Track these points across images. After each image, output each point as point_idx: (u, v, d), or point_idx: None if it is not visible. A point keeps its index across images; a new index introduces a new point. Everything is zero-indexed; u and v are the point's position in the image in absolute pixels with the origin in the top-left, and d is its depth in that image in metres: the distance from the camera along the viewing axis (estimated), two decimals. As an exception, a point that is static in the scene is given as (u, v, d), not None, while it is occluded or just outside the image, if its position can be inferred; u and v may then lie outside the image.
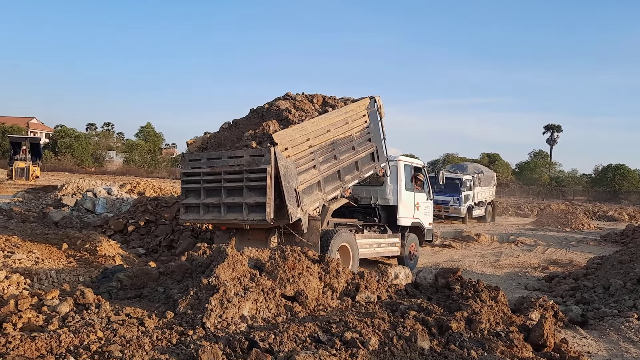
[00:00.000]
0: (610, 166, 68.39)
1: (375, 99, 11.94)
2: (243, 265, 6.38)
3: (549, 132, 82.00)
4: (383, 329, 5.59)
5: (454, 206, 28.45)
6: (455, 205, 28.46)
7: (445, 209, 28.16)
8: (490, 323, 6.26)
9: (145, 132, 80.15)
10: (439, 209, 27.13)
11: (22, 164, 30.03)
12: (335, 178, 10.50)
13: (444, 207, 28.06)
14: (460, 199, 28.68)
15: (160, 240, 12.58)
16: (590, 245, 20.86)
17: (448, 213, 28.41)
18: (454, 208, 28.52)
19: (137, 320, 5.52)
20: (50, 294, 5.99)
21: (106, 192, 17.99)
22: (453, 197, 28.45)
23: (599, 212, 39.88)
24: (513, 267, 14.70)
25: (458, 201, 28.60)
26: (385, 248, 12.56)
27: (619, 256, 11.59)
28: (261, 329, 5.40)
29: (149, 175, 55.75)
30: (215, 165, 9.35)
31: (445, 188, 27.18)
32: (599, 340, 7.42)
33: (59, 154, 62.36)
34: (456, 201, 28.53)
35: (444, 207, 28.06)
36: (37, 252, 9.64)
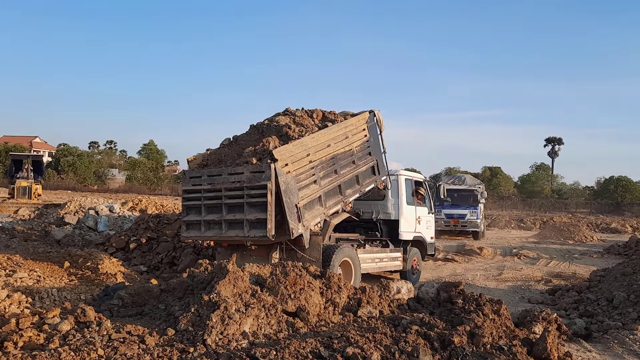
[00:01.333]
0: (612, 178, 68.31)
1: (374, 112, 11.98)
2: (244, 282, 6.37)
3: (550, 144, 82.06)
4: (385, 344, 5.57)
5: (471, 220, 27.05)
6: (472, 219, 27.05)
7: (462, 224, 26.93)
8: (493, 337, 6.22)
9: (147, 150, 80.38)
10: (456, 223, 26.70)
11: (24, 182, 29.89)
12: (336, 192, 10.51)
13: (461, 222, 26.90)
14: (477, 211, 27.38)
15: (162, 258, 12.57)
16: (593, 257, 20.78)
17: (466, 228, 27.11)
18: (471, 222, 27.09)
19: (138, 337, 5.50)
20: (52, 312, 5.99)
21: (108, 209, 18.03)
22: (470, 210, 27.18)
23: (601, 224, 39.79)
24: (516, 280, 14.63)
25: (475, 214, 27.24)
26: (387, 263, 12.53)
27: (623, 268, 11.55)
28: (262, 345, 5.37)
29: (151, 192, 55.76)
30: (216, 182, 9.38)
31: (459, 200, 26.68)
32: (603, 354, 7.36)
33: (61, 172, 62.51)
34: (473, 214, 27.17)
35: (461, 222, 26.90)
36: (38, 270, 9.64)
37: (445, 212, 26.80)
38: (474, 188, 28.58)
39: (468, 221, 26.90)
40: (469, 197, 27.66)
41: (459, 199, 27.25)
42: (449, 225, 26.78)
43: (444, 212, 26.60)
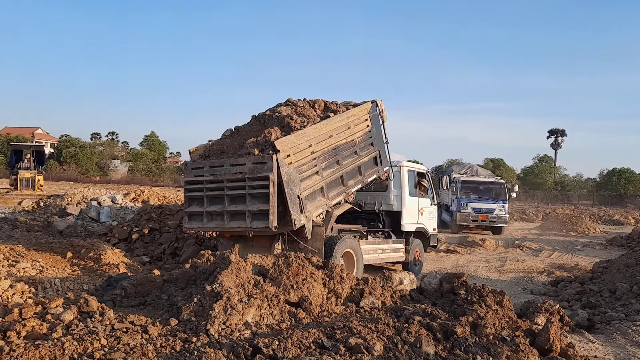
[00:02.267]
0: (615, 170, 68.19)
1: (377, 102, 11.92)
2: (247, 272, 6.37)
3: (553, 136, 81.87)
4: (387, 335, 5.57)
5: (500, 214, 25.42)
6: (501, 214, 25.49)
7: (491, 218, 25.25)
8: (496, 328, 6.22)
9: (149, 141, 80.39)
10: (484, 218, 25.13)
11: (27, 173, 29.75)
12: (339, 183, 10.48)
13: (490, 217, 25.23)
14: (506, 206, 25.95)
15: (165, 248, 12.58)
16: (596, 249, 20.77)
17: (494, 223, 25.40)
18: (500, 217, 25.46)
19: (140, 327, 5.51)
20: (54, 302, 6.00)
21: (110, 200, 18.03)
22: (499, 204, 25.54)
23: (604, 216, 39.75)
24: (518, 271, 14.63)
25: (504, 209, 25.75)
26: (389, 254, 12.52)
27: (625, 260, 11.54)
28: (265, 335, 5.38)
29: (153, 183, 55.79)
30: (218, 173, 9.36)
31: (484, 194, 25.61)
32: (606, 345, 7.36)
33: (63, 163, 62.56)
34: (502, 209, 25.61)
35: (490, 217, 25.23)
36: (41, 260, 9.66)
37: (472, 205, 25.28)
38: (502, 181, 27.46)
39: (497, 216, 25.34)
40: (496, 190, 26.24)
41: (484, 192, 25.98)
42: (476, 220, 25.28)
43: (471, 205, 25.24)
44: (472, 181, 26.93)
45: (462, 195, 25.43)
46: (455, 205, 25.54)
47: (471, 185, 26.41)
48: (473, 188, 26.18)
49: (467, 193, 25.54)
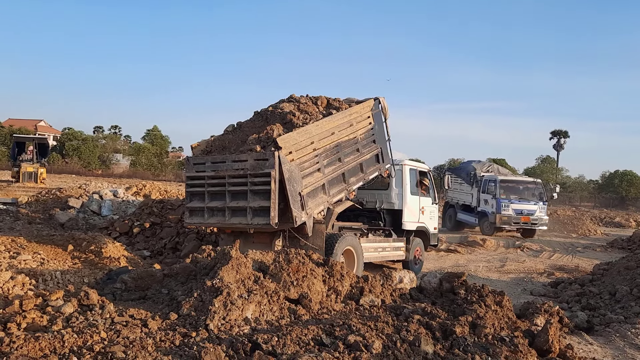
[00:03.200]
0: (617, 172, 68.00)
1: (379, 100, 11.89)
2: (247, 268, 6.38)
3: (556, 137, 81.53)
4: (387, 333, 5.58)
5: (540, 216, 24.03)
6: (541, 216, 24.11)
7: (533, 221, 23.75)
8: (495, 328, 6.23)
9: (152, 136, 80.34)
10: (526, 220, 23.61)
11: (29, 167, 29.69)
12: (340, 181, 10.48)
13: (532, 218, 23.72)
14: (545, 207, 24.75)
15: (165, 243, 12.60)
16: (596, 251, 20.77)
17: (535, 225, 23.96)
18: (541, 219, 24.09)
19: (140, 321, 5.52)
20: (55, 294, 6.02)
21: (112, 194, 18.04)
22: (539, 206, 24.06)
23: (605, 218, 39.67)
24: (518, 272, 14.64)
25: (544, 211, 24.47)
26: (390, 252, 12.53)
27: (626, 262, 11.53)
28: (264, 331, 5.39)
29: (155, 178, 55.77)
30: (220, 169, 9.36)
31: (525, 194, 24.24)
32: (605, 347, 7.37)
33: (66, 156, 62.59)
34: (542, 210, 24.27)
35: (532, 218, 23.72)
36: (42, 253, 9.68)
37: (514, 207, 23.55)
38: (540, 181, 26.27)
39: (538, 218, 23.93)
40: (536, 190, 24.82)
41: (524, 193, 24.46)
42: (517, 222, 23.66)
43: (512, 207, 23.53)
44: (512, 180, 25.39)
45: (502, 196, 23.69)
46: (495, 206, 23.57)
47: (510, 185, 24.66)
48: (512, 188, 24.48)
49: (507, 193, 23.92)
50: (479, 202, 24.84)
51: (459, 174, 27.44)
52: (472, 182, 25.57)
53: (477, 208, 24.96)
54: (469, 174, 25.98)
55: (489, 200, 24.08)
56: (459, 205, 26.71)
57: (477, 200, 24.98)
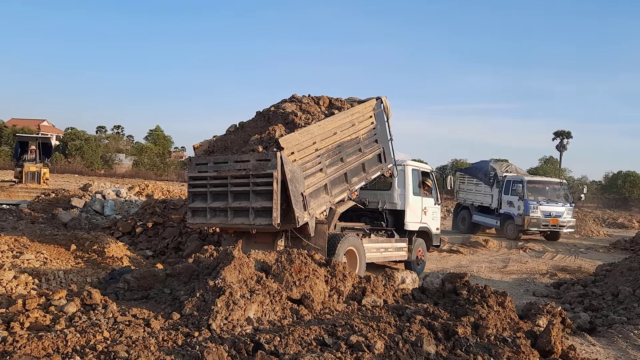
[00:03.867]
0: (620, 173, 67.81)
1: (381, 99, 11.89)
2: (249, 268, 6.39)
3: (559, 138, 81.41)
4: (389, 333, 5.58)
5: (568, 218, 23.22)
6: (569, 217, 23.30)
7: (561, 223, 22.84)
8: (497, 328, 6.22)
9: (154, 135, 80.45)
10: (555, 222, 22.69)
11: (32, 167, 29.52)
12: (342, 180, 10.48)
13: (560, 221, 22.80)
14: (572, 209, 23.92)
15: (168, 243, 12.61)
16: (599, 252, 20.72)
17: (564, 228, 23.12)
18: (569, 221, 23.28)
19: (143, 321, 5.53)
20: (58, 294, 6.03)
21: (115, 194, 18.08)
22: (566, 208, 23.22)
23: (608, 219, 39.58)
24: (521, 273, 14.63)
25: (571, 212, 23.64)
26: (392, 252, 12.53)
27: (629, 263, 11.52)
28: (267, 331, 5.39)
29: (157, 178, 55.86)
30: (222, 169, 9.36)
31: (552, 195, 23.40)
32: (607, 348, 7.36)
33: (69, 156, 62.71)
34: (569, 212, 23.40)
35: (560, 221, 22.80)
36: (45, 252, 9.69)
37: (542, 209, 22.53)
38: (562, 181, 25.46)
39: (566, 220, 23.05)
40: (563, 191, 23.98)
41: (551, 194, 23.55)
42: (547, 225, 22.66)
43: (540, 209, 22.50)
44: (538, 181, 24.61)
45: (530, 197, 22.60)
46: (523, 208, 22.49)
47: (537, 185, 23.75)
48: (539, 189, 23.54)
49: (534, 195, 22.88)
50: (500, 203, 23.77)
51: (475, 173, 26.25)
52: (493, 182, 24.37)
53: (499, 210, 23.87)
54: (488, 174, 24.72)
55: (515, 202, 22.96)
56: (474, 206, 25.67)
57: (498, 202, 23.88)
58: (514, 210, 22.98)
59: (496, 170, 24.66)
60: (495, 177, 24.30)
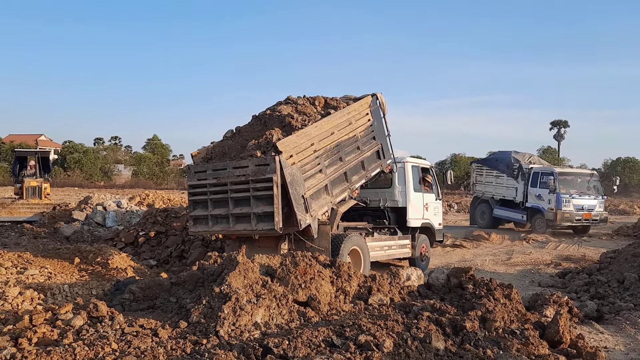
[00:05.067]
0: (619, 159, 67.89)
1: (377, 96, 11.87)
2: (254, 273, 6.39)
3: (556, 127, 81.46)
4: (397, 331, 5.57)
5: (600, 212, 22.35)
6: (601, 211, 22.42)
7: (594, 216, 21.98)
8: (505, 321, 6.22)
9: (152, 145, 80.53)
10: (588, 216, 21.80)
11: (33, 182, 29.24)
12: (342, 180, 10.47)
13: (593, 214, 21.94)
14: (604, 201, 23.12)
15: (171, 251, 12.61)
16: (602, 239, 20.74)
17: (596, 222, 22.28)
18: (601, 215, 22.42)
19: (150, 331, 5.53)
20: (64, 308, 6.03)
21: (116, 205, 18.08)
22: (599, 200, 22.36)
23: (609, 206, 39.57)
24: (525, 264, 14.63)
25: (603, 205, 22.79)
26: (396, 250, 12.52)
27: (633, 249, 11.51)
28: (275, 335, 5.39)
29: (157, 187, 55.83)
30: (221, 176, 9.34)
31: (584, 188, 22.53)
32: (616, 335, 7.35)
33: (68, 169, 62.71)
34: (601, 205, 22.54)
35: (593, 214, 21.94)
36: (49, 267, 9.69)
37: (574, 202, 21.55)
38: (594, 172, 24.63)
39: (598, 213, 22.14)
40: (594, 184, 23.10)
41: (582, 186, 22.65)
42: (580, 219, 21.74)
43: (573, 202, 21.52)
44: (570, 173, 23.54)
45: (562, 190, 21.54)
46: (554, 202, 21.47)
47: (568, 178, 22.67)
48: (570, 181, 22.50)
49: (565, 187, 21.86)
50: (526, 196, 22.76)
51: (495, 165, 25.01)
52: (517, 174, 23.25)
53: (525, 203, 22.86)
54: (511, 166, 23.59)
55: (544, 196, 21.89)
56: (495, 200, 24.62)
57: (524, 195, 22.84)
58: (544, 204, 21.99)
59: (520, 161, 23.62)
60: (520, 168, 23.22)
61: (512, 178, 23.64)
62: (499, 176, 24.61)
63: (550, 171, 22.43)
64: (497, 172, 24.77)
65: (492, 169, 25.25)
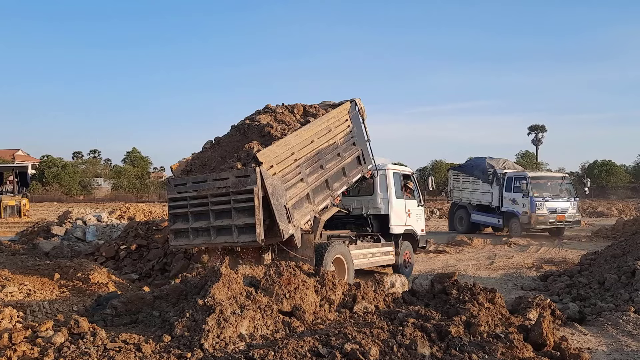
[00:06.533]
0: (596, 162, 69.00)
1: (355, 101, 11.89)
2: (238, 284, 6.34)
3: (534, 132, 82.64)
4: (383, 339, 5.57)
5: (573, 214, 22.72)
6: (574, 212, 22.77)
7: (567, 218, 22.38)
8: (489, 325, 6.26)
9: (132, 157, 79.91)
10: (562, 218, 22.19)
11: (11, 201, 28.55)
12: (324, 187, 10.47)
13: (566, 216, 22.35)
14: (577, 203, 23.42)
15: (153, 264, 12.46)
16: (582, 241, 21.01)
17: (570, 224, 22.72)
18: (574, 216, 22.79)
19: (134, 346, 5.46)
20: (44, 325, 5.92)
21: (96, 219, 17.85)
22: (571, 202, 22.76)
23: (588, 208, 40.18)
24: (508, 268, 14.75)
25: (576, 207, 23.07)
26: (379, 257, 12.54)
27: (612, 251, 11.67)
28: (260, 346, 5.35)
29: (138, 200, 55.35)
30: (202, 189, 9.26)
31: (556, 191, 22.90)
32: (598, 336, 7.44)
33: (46, 184, 61.84)
34: (574, 207, 22.86)
35: (566, 216, 22.35)
36: (28, 284, 9.51)
37: (548, 205, 21.97)
38: (565, 175, 25.24)
39: (572, 215, 22.52)
40: (566, 186, 23.49)
41: (555, 189, 23.03)
42: (553, 222, 22.11)
43: (546, 205, 21.94)
44: (542, 177, 24.16)
45: (535, 194, 21.99)
46: (528, 205, 21.87)
47: (540, 181, 23.14)
48: (543, 185, 22.95)
49: (538, 191, 22.31)
50: (502, 201, 23.19)
51: (471, 171, 25.59)
52: (492, 180, 23.72)
53: (500, 208, 23.29)
54: (486, 172, 24.06)
55: (519, 199, 22.31)
56: (472, 205, 25.12)
57: (499, 200, 23.28)
58: (518, 208, 22.39)
59: (495, 167, 24.09)
60: (495, 174, 23.69)
61: (487, 183, 24.12)
62: (475, 182, 25.17)
63: (523, 175, 22.85)
64: (473, 178, 25.32)
65: (468, 175, 25.81)
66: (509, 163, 25.67)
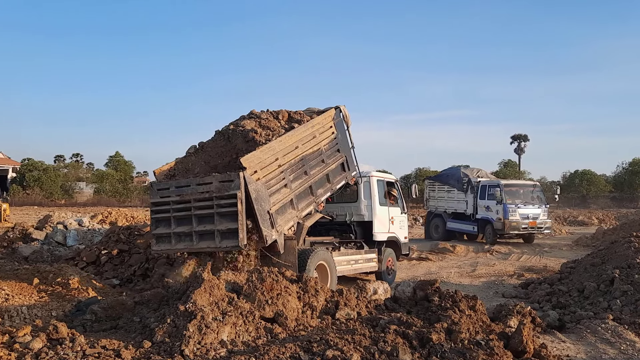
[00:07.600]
0: (577, 172, 69.89)
1: (340, 108, 11.93)
2: (220, 290, 6.32)
3: (516, 141, 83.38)
4: (364, 345, 5.58)
5: (544, 220, 23.64)
6: (545, 219, 23.67)
7: (539, 224, 23.27)
8: (470, 332, 6.29)
9: (114, 162, 79.19)
10: (534, 224, 23.08)
11: None
12: (308, 194, 10.48)
13: (538, 222, 23.24)
14: (547, 210, 24.36)
15: (135, 270, 12.34)
16: (563, 250, 21.26)
17: (541, 230, 23.64)
18: (545, 222, 23.70)
19: (113, 352, 5.40)
20: (22, 330, 5.85)
21: (77, 223, 17.67)
22: (542, 209, 23.70)
23: (569, 217, 40.69)
24: (489, 276, 14.86)
25: (547, 213, 24.10)
26: (362, 264, 12.56)
27: (591, 259, 11.80)
28: (241, 352, 5.33)
29: (120, 204, 54.80)
30: (185, 193, 9.21)
31: (528, 198, 23.71)
32: (577, 343, 7.52)
33: (27, 187, 61.03)
34: (545, 213, 23.85)
35: (538, 222, 23.24)
36: (6, 288, 9.36)
37: (520, 211, 22.88)
38: (536, 183, 26.20)
39: (543, 221, 23.44)
40: (537, 194, 24.39)
41: (527, 197, 23.84)
42: (526, 227, 23.01)
43: (519, 212, 22.83)
44: (514, 184, 25.04)
45: (508, 201, 22.79)
46: (501, 212, 22.68)
47: (513, 189, 23.98)
48: (515, 193, 23.80)
49: (511, 198, 23.10)
50: (476, 208, 24.01)
51: (446, 180, 26.44)
52: (467, 188, 24.58)
53: (475, 215, 24.10)
54: (461, 181, 24.97)
55: (492, 207, 23.21)
56: (448, 213, 25.83)
57: (474, 207, 24.10)
58: (492, 214, 23.20)
59: (469, 176, 24.92)
60: (469, 182, 24.48)
61: (462, 192, 24.95)
62: (450, 191, 25.95)
63: (497, 184, 23.74)
64: (448, 187, 26.12)
65: (443, 184, 26.61)
66: (483, 172, 26.53)
